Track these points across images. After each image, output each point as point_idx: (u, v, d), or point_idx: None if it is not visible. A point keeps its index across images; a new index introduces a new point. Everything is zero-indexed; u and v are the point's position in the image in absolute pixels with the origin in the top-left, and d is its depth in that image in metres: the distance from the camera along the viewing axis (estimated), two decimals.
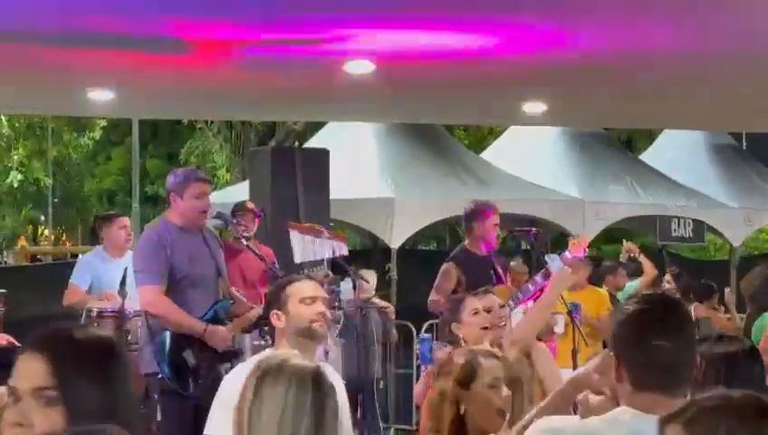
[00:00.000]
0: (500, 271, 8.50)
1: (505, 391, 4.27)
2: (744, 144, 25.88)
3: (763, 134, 19.40)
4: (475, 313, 5.90)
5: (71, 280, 9.37)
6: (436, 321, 9.16)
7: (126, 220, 9.74)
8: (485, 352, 4.53)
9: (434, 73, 11.30)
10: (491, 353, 4.55)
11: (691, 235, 19.47)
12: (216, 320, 7.28)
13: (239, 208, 9.77)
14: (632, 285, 12.29)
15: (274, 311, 4.80)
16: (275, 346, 4.78)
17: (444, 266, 8.49)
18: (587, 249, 8.34)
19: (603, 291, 11.08)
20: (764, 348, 6.99)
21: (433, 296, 8.52)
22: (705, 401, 2.12)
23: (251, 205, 10.00)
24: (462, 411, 4.22)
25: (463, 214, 8.75)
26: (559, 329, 9.19)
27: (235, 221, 8.87)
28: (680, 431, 2.08)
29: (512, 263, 11.61)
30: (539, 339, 6.08)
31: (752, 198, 20.00)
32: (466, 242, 8.68)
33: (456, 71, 11.19)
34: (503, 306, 6.08)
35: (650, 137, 23.81)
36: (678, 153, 21.06)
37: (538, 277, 7.52)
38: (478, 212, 8.62)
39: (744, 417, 2.05)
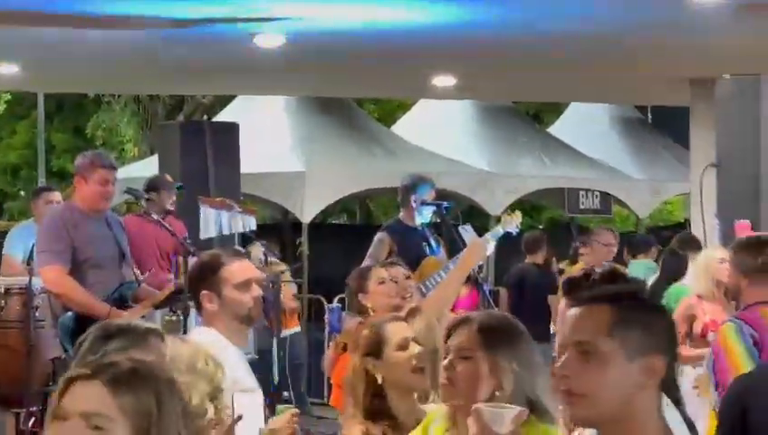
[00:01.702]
0: (433, 243, 8.53)
1: (418, 348, 4.28)
2: (650, 117, 26.24)
3: (668, 107, 19.66)
4: (382, 282, 5.89)
5: (4, 251, 9.35)
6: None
7: (54, 195, 9.61)
8: (389, 317, 4.54)
9: (343, 47, 11.30)
10: (394, 317, 4.58)
11: (598, 207, 19.75)
12: (121, 300, 7.24)
13: (160, 182, 9.63)
14: None
15: (205, 292, 4.61)
16: (206, 326, 4.64)
17: (378, 235, 8.52)
18: (519, 224, 8.46)
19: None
20: (682, 315, 7.15)
21: (366, 264, 8.54)
22: None
23: (170, 178, 9.90)
24: (380, 381, 4.22)
25: (400, 185, 8.79)
26: None
27: (147, 196, 8.78)
28: None
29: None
30: None
31: (657, 170, 20.31)
32: (401, 213, 8.73)
33: (365, 44, 11.20)
34: (408, 277, 6.07)
35: (558, 110, 24.03)
36: (585, 126, 21.29)
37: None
38: (414, 184, 8.66)
39: None
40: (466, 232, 7.63)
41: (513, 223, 7.86)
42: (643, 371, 2.44)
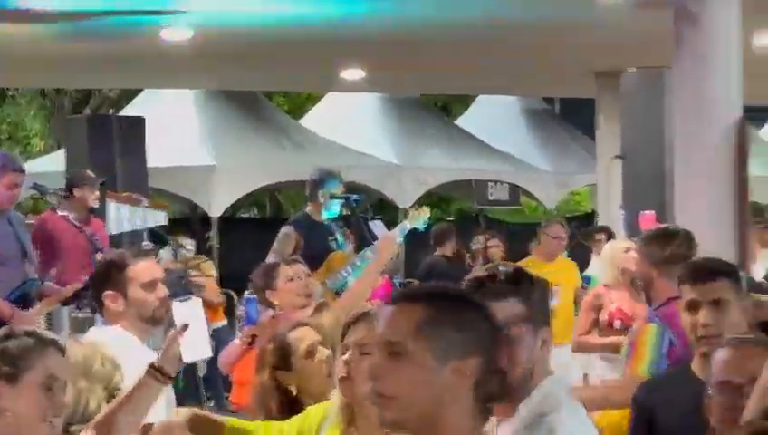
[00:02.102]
0: (339, 238, 8.52)
1: (327, 352, 4.24)
2: (558, 109, 26.50)
3: (575, 99, 19.89)
4: (290, 280, 5.89)
5: None
6: None
7: None
8: (291, 326, 4.49)
9: (251, 40, 11.25)
10: (298, 323, 4.53)
11: (507, 198, 19.90)
12: (24, 298, 7.17)
13: (82, 178, 9.33)
14: None
15: (110, 292, 4.52)
16: (110, 324, 4.58)
17: (283, 230, 8.45)
18: (427, 220, 8.47)
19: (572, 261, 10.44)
20: (590, 304, 7.25)
21: (271, 259, 8.50)
22: None
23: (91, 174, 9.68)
24: (295, 393, 4.13)
25: (308, 179, 8.74)
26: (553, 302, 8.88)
27: (59, 193, 8.64)
28: None
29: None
30: None
31: (565, 161, 20.51)
32: (308, 207, 8.69)
33: (273, 38, 11.16)
34: (309, 275, 6.08)
35: (466, 102, 24.15)
36: (493, 118, 21.43)
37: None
38: (322, 178, 8.62)
39: None
40: (376, 226, 7.65)
41: (421, 219, 7.90)
42: (455, 372, 2.35)
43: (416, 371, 2.34)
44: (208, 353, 3.67)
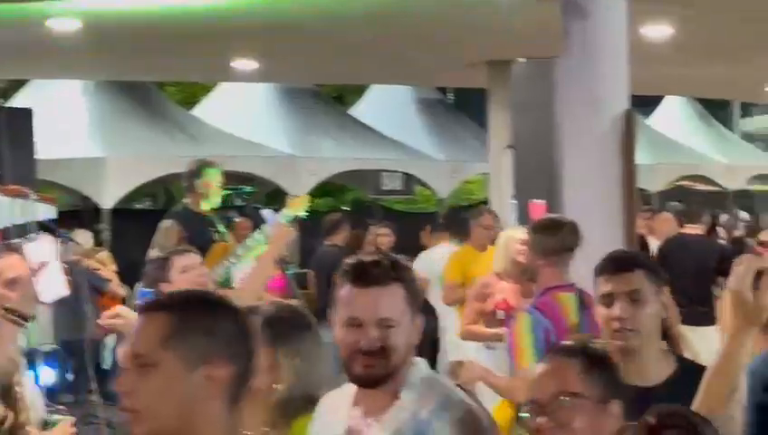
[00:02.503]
0: (221, 228, 8.46)
1: None
2: (451, 98, 26.68)
3: (468, 88, 20.03)
4: (184, 271, 5.83)
5: None
6: None
7: None
8: None
9: (141, 31, 11.11)
10: None
11: (401, 187, 19.98)
12: None
13: None
14: None
15: None
16: None
17: (164, 223, 8.35)
18: (307, 208, 8.43)
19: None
20: (477, 293, 7.28)
21: (152, 253, 8.40)
22: None
23: None
24: None
25: (185, 171, 8.64)
26: None
27: None
28: None
29: (236, 220, 11.56)
30: None
31: (458, 150, 20.66)
32: (187, 199, 8.59)
33: (163, 28, 11.04)
34: (202, 264, 6.03)
35: (360, 92, 24.18)
36: (387, 108, 21.50)
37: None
38: (200, 169, 8.53)
39: None
40: (269, 216, 7.60)
41: (301, 207, 7.88)
42: (204, 380, 2.32)
43: (165, 381, 2.30)
44: (65, 292, 3.62)
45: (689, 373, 3.28)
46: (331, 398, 3.17)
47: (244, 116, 18.63)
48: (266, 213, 7.50)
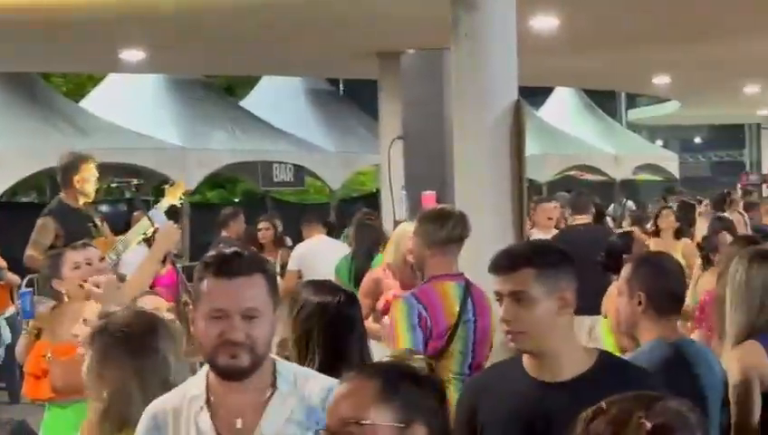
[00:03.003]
0: (98, 222, 8.31)
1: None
2: (342, 89, 26.66)
3: (359, 79, 20.04)
4: (77, 267, 5.72)
5: None
6: (36, 275, 8.86)
7: None
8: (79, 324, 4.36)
9: (25, 19, 10.89)
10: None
11: (292, 179, 19.92)
12: None
13: None
14: None
15: None
16: None
17: (40, 221, 8.18)
18: (183, 196, 8.34)
19: None
20: (367, 289, 7.25)
21: (29, 252, 8.22)
22: None
23: None
24: None
25: (58, 165, 8.44)
26: None
27: None
28: None
29: (134, 213, 11.40)
30: None
31: (349, 142, 20.66)
32: (63, 194, 8.41)
33: (48, 16, 10.83)
34: (102, 259, 5.93)
35: (251, 83, 24.04)
36: (278, 99, 21.41)
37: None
38: (74, 163, 8.35)
39: None
40: (156, 215, 7.52)
41: (176, 195, 7.80)
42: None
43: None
44: None
45: (607, 368, 3.25)
46: (162, 408, 3.08)
47: (133, 107, 18.36)
48: (154, 213, 7.42)
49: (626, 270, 4.15)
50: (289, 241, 12.65)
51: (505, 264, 3.30)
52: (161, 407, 3.08)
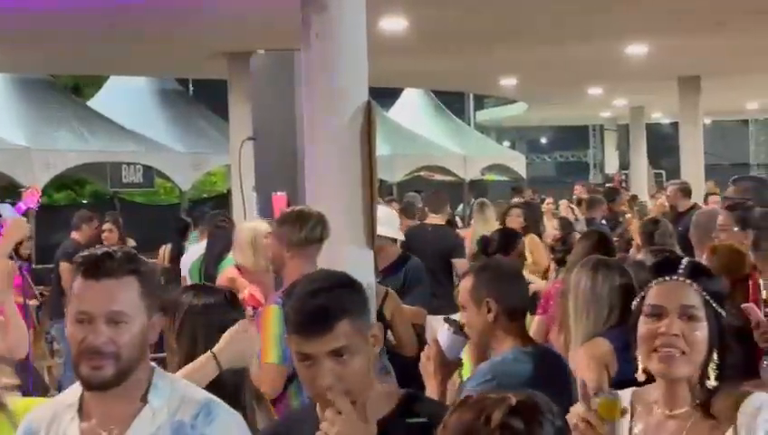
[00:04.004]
0: None
1: None
2: (191, 89, 26.43)
3: (208, 80, 19.90)
4: None
5: None
6: None
7: None
8: None
9: None
10: None
11: (141, 180, 19.69)
12: None
13: None
14: None
15: None
16: None
17: None
18: (39, 199, 8.18)
19: None
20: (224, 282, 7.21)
21: None
22: None
23: None
24: None
25: None
26: None
27: None
28: None
29: None
30: None
31: (199, 142, 20.51)
32: None
33: None
34: None
35: (98, 83, 23.67)
36: (126, 99, 21.12)
37: None
38: None
39: None
40: (4, 211, 7.35)
41: (33, 198, 7.67)
42: None
43: None
44: None
45: (406, 406, 2.85)
46: (39, 416, 2.95)
47: None
48: (1, 206, 7.26)
49: (467, 281, 4.10)
50: (132, 242, 12.51)
51: (318, 325, 2.71)
52: (39, 415, 2.94)
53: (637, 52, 15.66)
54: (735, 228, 6.54)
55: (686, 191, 11.73)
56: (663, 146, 36.29)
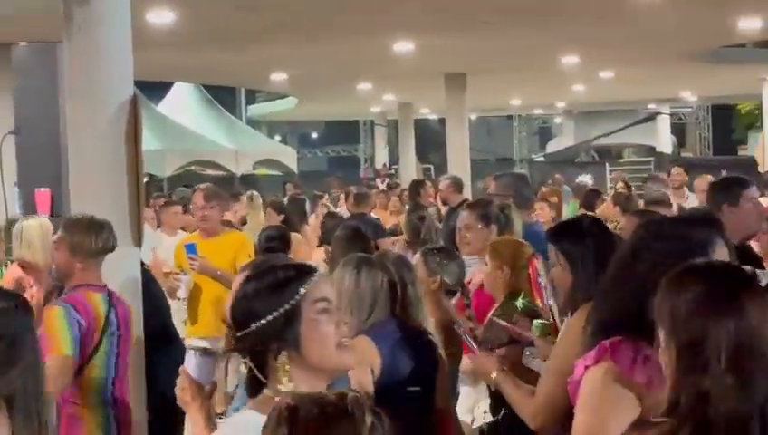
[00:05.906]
0: None
1: None
2: None
3: None
4: None
5: None
6: None
7: None
8: None
9: None
10: None
11: None
12: None
13: None
14: None
15: None
16: None
17: None
18: None
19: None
20: (10, 283, 6.97)
21: None
22: None
23: None
24: None
25: None
26: (182, 293, 8.36)
27: None
28: None
29: None
30: None
31: None
32: None
33: None
34: None
35: None
36: None
37: None
38: None
39: None
40: None
41: None
42: None
43: None
44: None
45: None
46: None
47: None
48: None
49: None
50: None
51: None
52: None
53: (404, 49, 15.91)
54: (479, 226, 6.79)
55: (457, 186, 11.96)
56: (431, 141, 37.09)
